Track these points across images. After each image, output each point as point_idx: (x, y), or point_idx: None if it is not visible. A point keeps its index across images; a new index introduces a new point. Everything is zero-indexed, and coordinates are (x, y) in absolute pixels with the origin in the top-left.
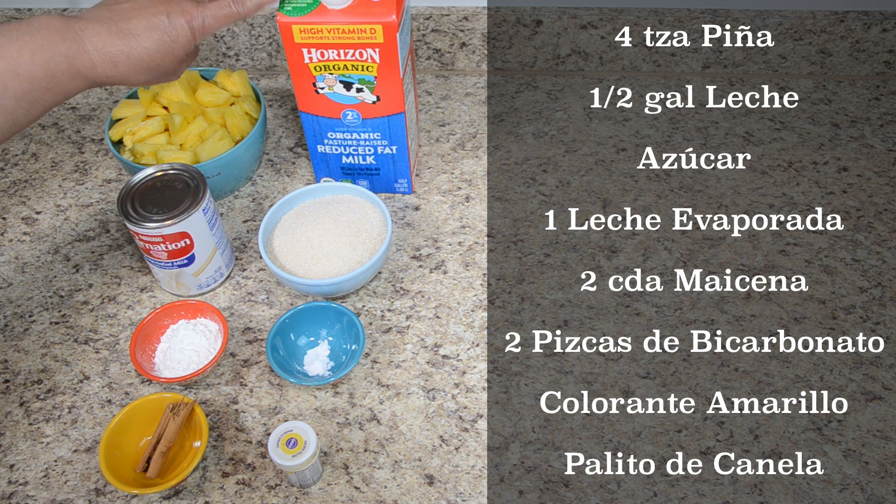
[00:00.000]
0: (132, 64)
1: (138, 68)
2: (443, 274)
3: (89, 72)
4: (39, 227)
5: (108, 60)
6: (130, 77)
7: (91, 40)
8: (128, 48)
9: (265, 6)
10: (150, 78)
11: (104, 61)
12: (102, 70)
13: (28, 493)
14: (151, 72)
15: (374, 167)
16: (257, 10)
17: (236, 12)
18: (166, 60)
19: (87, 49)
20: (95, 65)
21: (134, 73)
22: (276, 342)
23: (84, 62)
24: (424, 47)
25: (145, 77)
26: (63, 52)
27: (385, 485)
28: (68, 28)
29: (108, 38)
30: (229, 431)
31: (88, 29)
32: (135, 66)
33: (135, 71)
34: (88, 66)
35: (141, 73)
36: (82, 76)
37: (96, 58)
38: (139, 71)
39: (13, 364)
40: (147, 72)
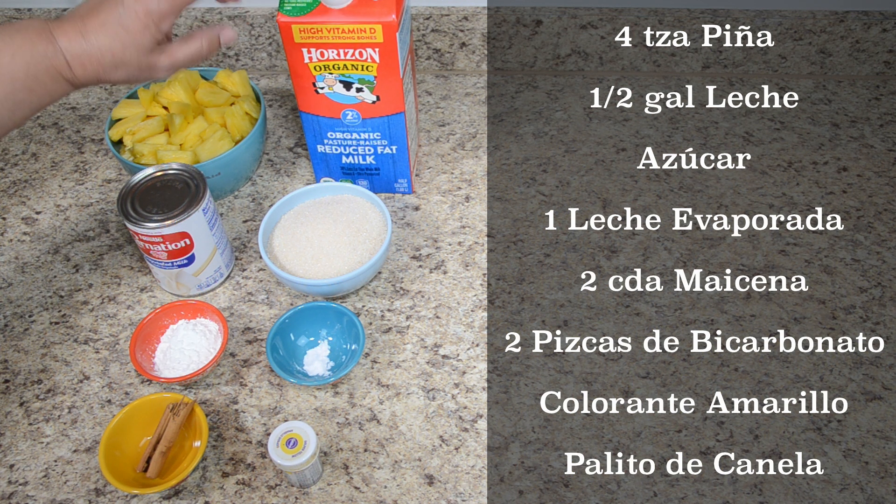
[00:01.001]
0: (97, 62)
1: (104, 65)
2: (443, 274)
3: (66, 73)
4: (39, 227)
5: (77, 61)
6: (103, 75)
7: (61, 40)
8: (88, 46)
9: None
10: (124, 75)
11: (74, 62)
12: (77, 71)
13: (28, 493)
14: (120, 68)
15: (374, 167)
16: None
17: None
18: (128, 53)
19: (60, 49)
20: (70, 65)
21: (104, 71)
22: (276, 342)
23: (60, 63)
24: (424, 47)
25: (118, 74)
26: (42, 52)
27: (385, 485)
28: (44, 29)
29: (74, 37)
30: (229, 431)
31: (59, 29)
32: (100, 63)
33: (103, 69)
34: (64, 67)
35: (110, 71)
36: (62, 77)
37: (69, 58)
38: (107, 69)
39: (13, 364)
40: (115, 68)
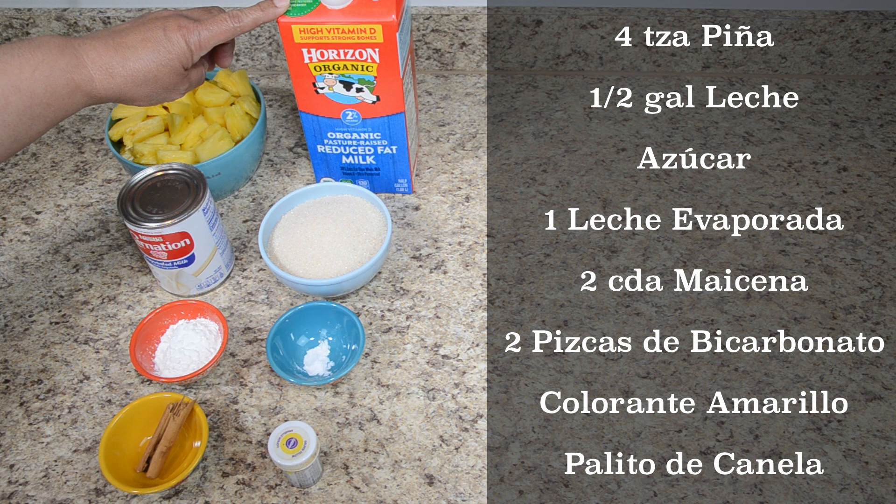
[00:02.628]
0: (129, 75)
1: (136, 79)
2: (443, 274)
3: (88, 85)
4: (39, 227)
5: (106, 72)
6: (128, 89)
7: (88, 54)
8: (124, 59)
9: (263, 22)
10: (149, 91)
11: (101, 73)
12: (100, 83)
13: (28, 493)
14: (149, 84)
15: (374, 167)
16: (255, 26)
17: (233, 28)
18: (163, 72)
19: (85, 62)
20: (94, 78)
21: (132, 85)
22: (276, 342)
23: (83, 76)
24: (424, 47)
25: (144, 90)
26: (63, 66)
27: (385, 485)
28: (67, 45)
29: (105, 50)
30: (229, 431)
31: (86, 44)
32: (132, 76)
33: (132, 82)
34: (87, 80)
35: (139, 85)
36: (81, 91)
37: (94, 70)
38: (137, 83)
39: (13, 364)
40: (145, 83)
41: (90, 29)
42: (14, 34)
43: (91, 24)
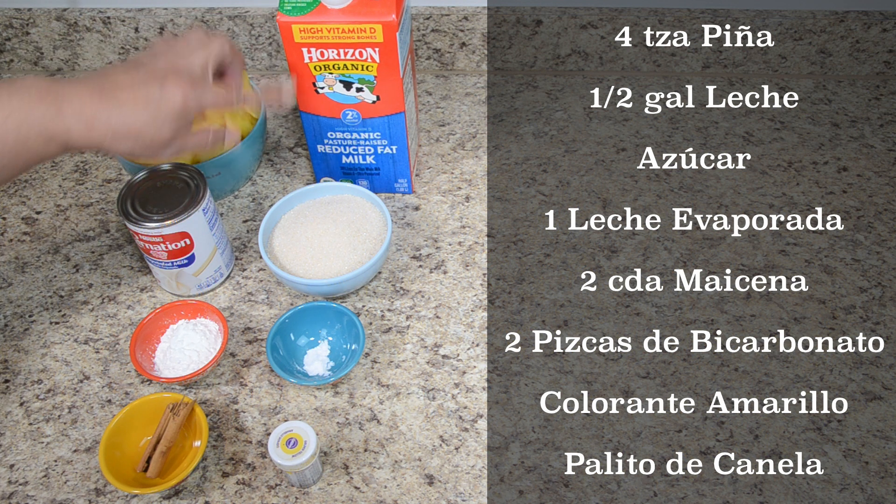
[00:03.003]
0: (109, 130)
1: (116, 135)
2: (443, 274)
3: (63, 136)
4: (39, 227)
5: (85, 124)
6: (107, 143)
7: (71, 102)
8: (108, 112)
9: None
10: (130, 147)
11: (80, 125)
12: (77, 134)
13: (28, 493)
14: (130, 140)
15: (374, 167)
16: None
17: (234, 104)
18: (147, 131)
19: (65, 112)
20: (70, 129)
21: (111, 140)
22: (276, 342)
23: (59, 126)
24: (424, 47)
25: (124, 146)
26: (38, 116)
27: (385, 485)
28: (49, 90)
29: (90, 101)
30: (229, 431)
31: (70, 91)
32: (112, 132)
33: (112, 137)
34: (63, 131)
35: (119, 141)
36: (56, 141)
37: (72, 121)
38: (117, 138)
39: (13, 364)
40: (126, 139)
41: (90, 29)
42: (14, 34)
43: (91, 24)
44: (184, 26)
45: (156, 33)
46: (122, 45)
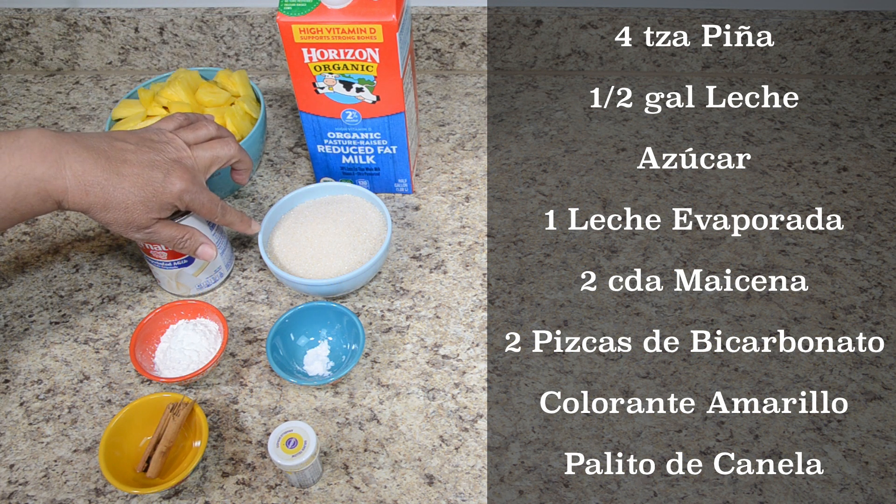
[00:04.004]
0: (103, 199)
1: (107, 205)
2: (443, 274)
3: (60, 195)
4: (39, 227)
5: (82, 188)
6: (95, 209)
7: (72, 165)
8: (106, 183)
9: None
10: (113, 219)
11: (77, 188)
12: (73, 195)
13: (28, 493)
14: (118, 213)
15: (374, 167)
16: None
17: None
18: (137, 210)
19: (65, 174)
20: (68, 189)
21: (100, 208)
22: (276, 342)
23: (57, 186)
24: (424, 47)
25: (110, 215)
26: (39, 175)
27: (385, 485)
28: (53, 149)
29: (93, 167)
30: (229, 431)
31: (74, 154)
32: (104, 202)
33: (102, 207)
34: (60, 191)
35: (108, 211)
36: (52, 199)
37: (71, 183)
38: (108, 208)
39: (13, 364)
40: (114, 211)
41: (90, 29)
42: (14, 34)
43: (91, 24)
44: (183, 26)
45: (156, 33)
46: (122, 45)
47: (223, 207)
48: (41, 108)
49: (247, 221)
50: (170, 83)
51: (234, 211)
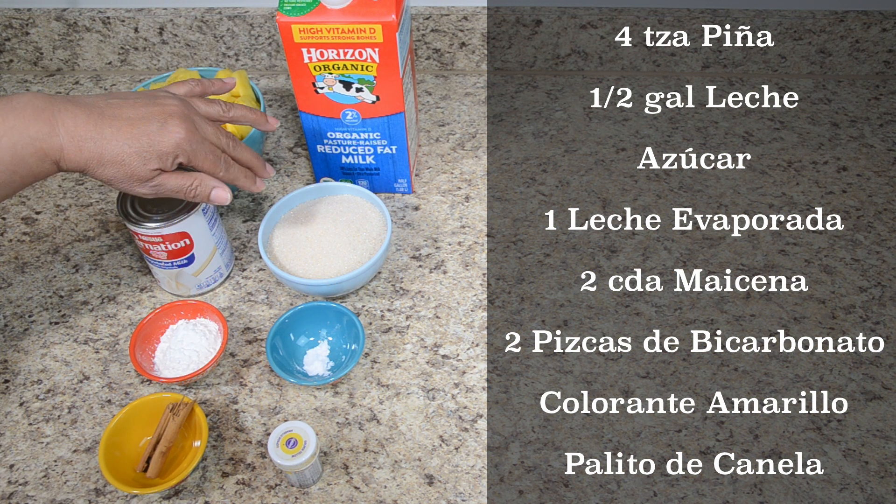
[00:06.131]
0: (97, 154)
1: (102, 160)
2: (443, 274)
3: (56, 154)
4: (39, 227)
5: (76, 144)
6: (92, 166)
7: (65, 122)
8: (99, 137)
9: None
10: (112, 175)
11: (72, 144)
12: (68, 153)
13: (28, 493)
14: (114, 168)
15: (373, 167)
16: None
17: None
18: (133, 161)
19: (59, 131)
20: (63, 147)
21: (96, 164)
22: (275, 342)
23: (52, 144)
24: (424, 47)
25: (108, 172)
26: (33, 134)
27: (385, 485)
28: (46, 108)
29: (85, 122)
30: (229, 431)
31: (67, 111)
32: (99, 156)
33: (98, 162)
34: (56, 149)
35: (105, 167)
36: (50, 159)
37: (65, 139)
38: (103, 163)
39: (13, 364)
40: (110, 166)
41: (90, 29)
42: (14, 34)
43: (91, 24)
44: (183, 26)
45: (156, 33)
46: (121, 45)
47: (227, 162)
48: None
49: (251, 178)
50: (169, 83)
51: (240, 167)
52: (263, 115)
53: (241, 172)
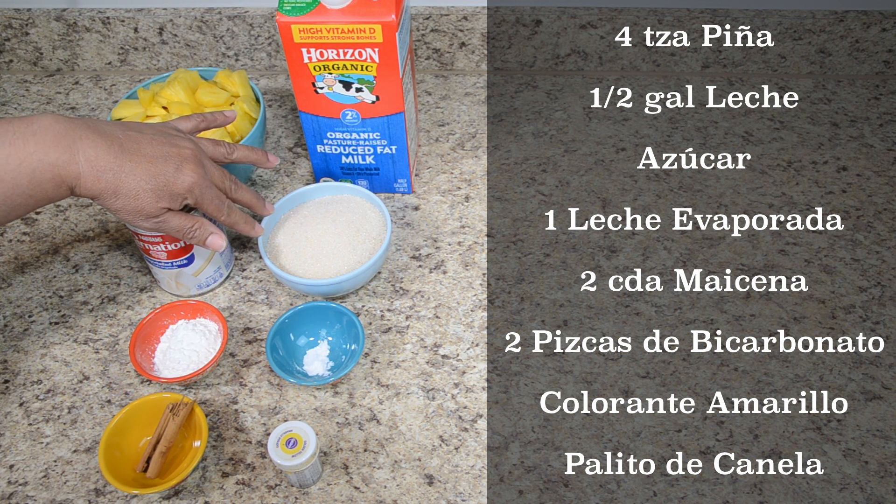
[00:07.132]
0: (113, 186)
1: (117, 193)
2: (442, 274)
3: (73, 181)
4: (39, 227)
5: (94, 173)
6: (106, 195)
7: (86, 151)
8: (119, 170)
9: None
10: (121, 206)
11: (91, 173)
12: (85, 181)
13: (28, 494)
14: (128, 199)
15: (373, 167)
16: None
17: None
18: (146, 199)
19: (78, 159)
20: (81, 174)
21: (110, 195)
22: (275, 342)
23: (71, 171)
24: (424, 47)
25: (119, 202)
26: (52, 160)
27: (385, 485)
28: (66, 134)
29: (105, 153)
30: (229, 431)
31: (87, 140)
32: (115, 189)
33: (113, 194)
34: (74, 176)
35: (118, 198)
36: (66, 185)
37: (84, 168)
38: (117, 195)
39: (13, 364)
40: (123, 199)
41: (89, 29)
42: (13, 34)
43: (90, 25)
44: (183, 27)
45: (155, 33)
46: (121, 46)
47: (230, 207)
48: (41, 108)
49: (251, 223)
50: (169, 83)
51: (240, 212)
52: (264, 154)
53: (241, 218)
